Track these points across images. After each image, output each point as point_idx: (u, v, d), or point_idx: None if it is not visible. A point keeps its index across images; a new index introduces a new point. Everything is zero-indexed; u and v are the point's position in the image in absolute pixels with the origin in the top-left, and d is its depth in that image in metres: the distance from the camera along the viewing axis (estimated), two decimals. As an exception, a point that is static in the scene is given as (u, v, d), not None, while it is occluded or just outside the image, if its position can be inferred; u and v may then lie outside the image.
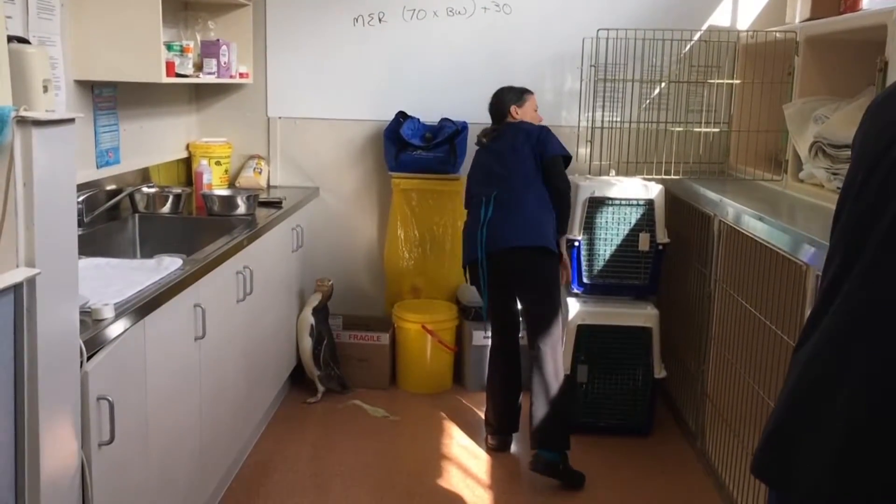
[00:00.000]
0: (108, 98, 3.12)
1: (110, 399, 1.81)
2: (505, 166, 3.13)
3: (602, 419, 3.42)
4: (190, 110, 3.98)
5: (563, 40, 3.87)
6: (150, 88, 3.44)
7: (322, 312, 3.71)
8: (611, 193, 3.42)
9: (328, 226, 4.11)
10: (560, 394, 3.02)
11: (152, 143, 3.54)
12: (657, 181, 3.48)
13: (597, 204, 3.41)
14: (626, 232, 3.42)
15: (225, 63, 3.56)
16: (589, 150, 3.73)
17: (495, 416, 3.28)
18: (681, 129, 3.71)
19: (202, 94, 4.04)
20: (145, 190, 3.26)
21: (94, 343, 1.78)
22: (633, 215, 3.42)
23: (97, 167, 3.05)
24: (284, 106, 4.05)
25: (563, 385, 3.03)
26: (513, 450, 3.32)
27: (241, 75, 3.82)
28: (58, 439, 1.61)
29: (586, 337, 3.36)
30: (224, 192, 3.56)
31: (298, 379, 3.79)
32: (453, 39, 3.95)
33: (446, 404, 3.75)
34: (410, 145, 3.82)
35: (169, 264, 2.32)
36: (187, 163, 3.88)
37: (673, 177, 3.56)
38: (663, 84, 3.83)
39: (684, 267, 3.49)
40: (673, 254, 3.53)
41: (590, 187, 3.39)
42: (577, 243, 3.38)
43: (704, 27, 3.85)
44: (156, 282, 2.17)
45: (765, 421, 1.21)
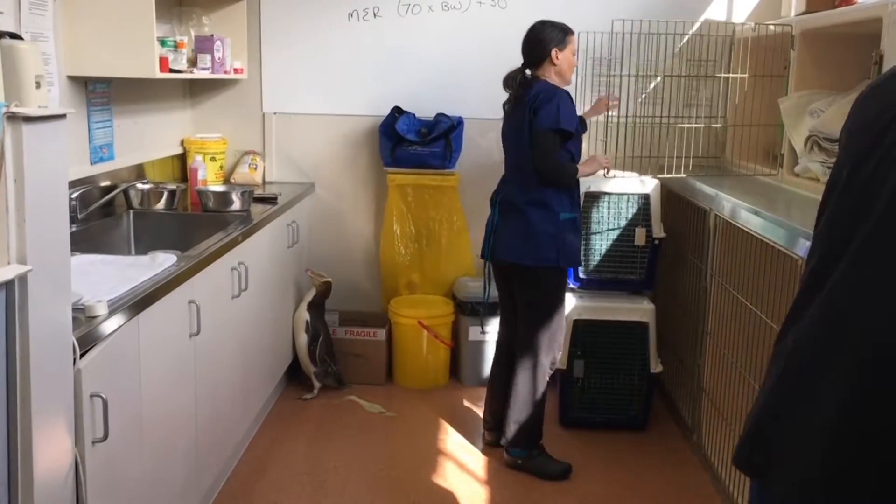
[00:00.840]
0: (102, 94, 3.11)
1: (104, 396, 1.81)
2: (509, 157, 3.09)
3: (598, 414, 3.42)
4: (184, 106, 3.97)
5: (558, 35, 3.85)
6: (144, 84, 3.43)
7: (318, 309, 3.71)
8: (606, 188, 3.42)
9: (324, 222, 4.10)
10: (526, 402, 3.06)
11: (147, 139, 3.53)
12: (657, 178, 3.48)
13: (592, 199, 3.41)
14: (622, 227, 3.42)
15: (219, 58, 3.55)
16: (585, 145, 3.71)
17: (490, 412, 3.28)
18: (677, 123, 3.70)
19: (196, 90, 4.02)
20: (140, 186, 3.25)
21: (87, 340, 1.78)
22: (629, 210, 3.42)
23: (91, 163, 3.04)
24: (279, 101, 4.04)
25: (534, 393, 3.05)
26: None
27: (236, 71, 3.81)
28: (51, 436, 1.60)
29: (582, 332, 3.36)
30: (219, 188, 3.56)
31: (294, 375, 3.79)
32: (448, 34, 3.94)
33: (442, 400, 3.75)
34: (406, 140, 3.81)
35: (163, 261, 2.32)
36: (182, 159, 3.87)
37: (673, 175, 3.56)
38: (658, 79, 3.83)
39: (680, 262, 3.49)
40: (669, 248, 3.53)
41: (585, 182, 3.39)
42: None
43: (700, 20, 3.84)
44: (150, 278, 2.17)
45: None
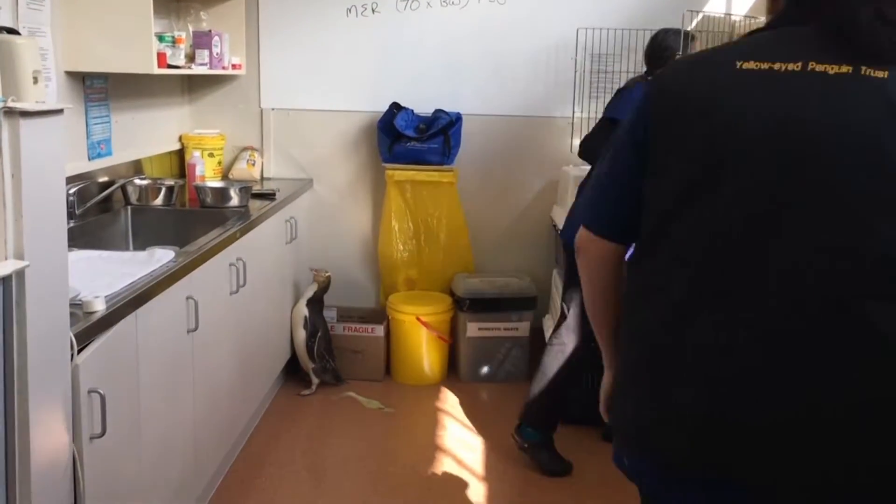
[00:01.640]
0: (100, 89, 3.10)
1: (102, 392, 1.81)
2: None
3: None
4: (182, 102, 3.96)
5: (556, 31, 3.85)
6: (142, 80, 3.42)
7: (316, 304, 3.70)
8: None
9: (322, 217, 4.09)
10: (547, 378, 3.04)
11: (144, 134, 3.52)
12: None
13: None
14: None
15: (217, 54, 3.54)
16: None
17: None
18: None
19: (195, 86, 4.01)
20: (137, 182, 3.25)
21: (85, 336, 1.77)
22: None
23: (89, 159, 3.03)
24: (277, 97, 4.03)
25: (559, 373, 3.04)
26: (511, 443, 3.31)
27: (234, 66, 3.80)
28: (49, 433, 1.60)
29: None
30: (217, 183, 3.55)
31: (293, 371, 3.79)
32: (447, 30, 3.93)
33: (441, 396, 3.75)
34: (404, 136, 3.80)
35: (161, 256, 2.31)
36: (180, 154, 3.86)
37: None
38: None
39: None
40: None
41: (580, 177, 3.38)
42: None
43: (699, 17, 3.83)
44: (148, 274, 2.16)
45: None
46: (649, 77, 3.03)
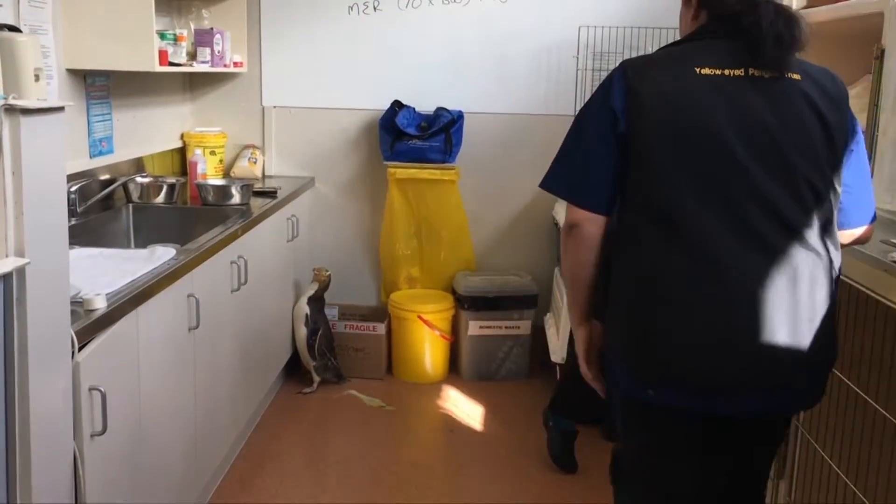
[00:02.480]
0: (101, 87, 3.10)
1: (102, 390, 1.81)
2: None
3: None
4: (184, 99, 3.96)
5: (558, 29, 3.85)
6: (144, 77, 3.42)
7: (318, 302, 3.71)
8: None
9: (323, 215, 4.10)
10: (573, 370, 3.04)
11: (146, 132, 3.53)
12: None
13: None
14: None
15: (219, 52, 3.54)
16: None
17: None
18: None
19: (196, 84, 4.01)
20: (139, 180, 3.25)
21: (86, 333, 1.77)
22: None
23: (90, 157, 3.04)
24: (279, 95, 4.03)
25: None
26: (512, 441, 3.32)
27: (236, 64, 3.80)
28: (50, 430, 1.60)
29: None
30: (218, 181, 3.55)
31: (294, 369, 3.79)
32: (449, 28, 3.92)
33: (442, 394, 3.75)
34: (406, 135, 3.80)
35: (162, 254, 2.31)
36: (181, 152, 3.86)
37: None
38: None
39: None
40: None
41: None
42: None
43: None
44: (149, 272, 2.16)
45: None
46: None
